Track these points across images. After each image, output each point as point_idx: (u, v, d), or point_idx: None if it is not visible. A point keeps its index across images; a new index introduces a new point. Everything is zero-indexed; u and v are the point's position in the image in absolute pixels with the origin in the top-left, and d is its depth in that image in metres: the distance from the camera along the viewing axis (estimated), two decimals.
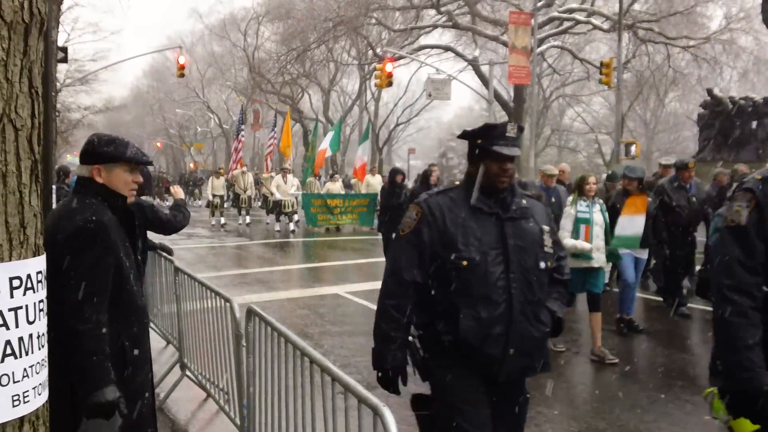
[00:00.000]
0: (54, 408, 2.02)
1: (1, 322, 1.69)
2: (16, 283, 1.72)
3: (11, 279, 1.70)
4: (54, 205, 7.18)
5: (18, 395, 1.72)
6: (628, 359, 6.75)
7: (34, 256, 1.78)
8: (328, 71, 44.80)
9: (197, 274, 5.24)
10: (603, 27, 29.55)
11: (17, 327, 1.73)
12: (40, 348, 1.82)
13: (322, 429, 2.83)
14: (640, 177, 7.57)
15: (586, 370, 6.54)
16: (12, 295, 1.71)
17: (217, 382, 4.91)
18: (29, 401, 1.75)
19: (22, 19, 1.63)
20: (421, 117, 53.78)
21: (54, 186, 7.76)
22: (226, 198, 24.36)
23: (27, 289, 1.77)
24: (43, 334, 1.84)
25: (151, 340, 3.16)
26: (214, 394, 5.01)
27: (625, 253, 7.41)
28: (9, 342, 1.70)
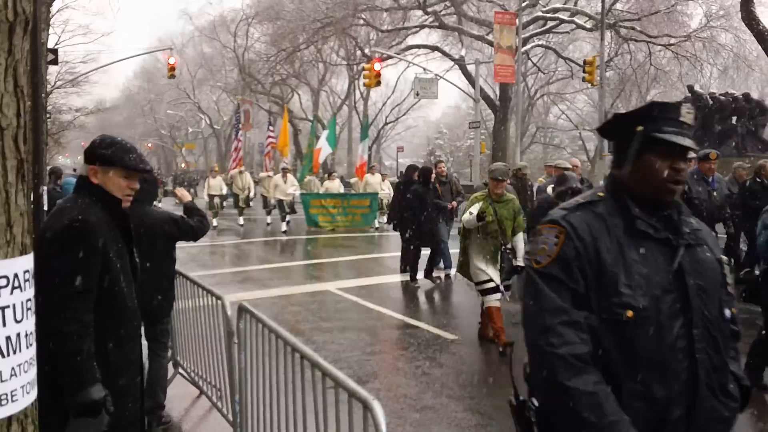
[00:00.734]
0: (42, 406, 2.02)
1: None
2: (3, 282, 1.72)
3: None
4: (45, 206, 7.20)
5: (6, 394, 1.72)
6: None
7: (21, 254, 1.78)
8: (317, 71, 44.98)
9: (189, 273, 5.25)
10: (586, 26, 29.84)
11: (5, 326, 1.73)
12: (28, 347, 1.82)
13: (314, 423, 2.85)
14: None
15: None
16: None
17: (209, 379, 4.93)
18: (17, 400, 1.75)
19: (6, 17, 1.63)
20: (409, 116, 54.29)
21: (45, 187, 7.77)
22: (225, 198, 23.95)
23: (14, 288, 1.76)
24: (31, 333, 1.84)
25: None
26: (207, 390, 5.03)
27: None
28: None
